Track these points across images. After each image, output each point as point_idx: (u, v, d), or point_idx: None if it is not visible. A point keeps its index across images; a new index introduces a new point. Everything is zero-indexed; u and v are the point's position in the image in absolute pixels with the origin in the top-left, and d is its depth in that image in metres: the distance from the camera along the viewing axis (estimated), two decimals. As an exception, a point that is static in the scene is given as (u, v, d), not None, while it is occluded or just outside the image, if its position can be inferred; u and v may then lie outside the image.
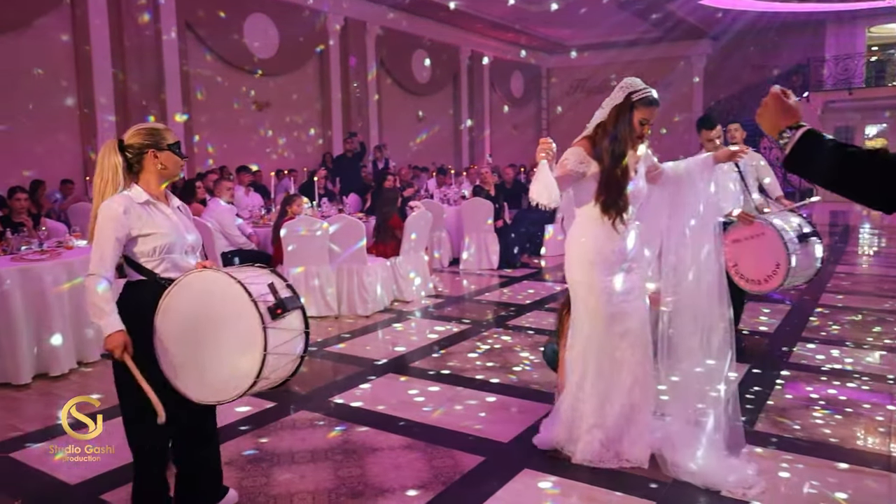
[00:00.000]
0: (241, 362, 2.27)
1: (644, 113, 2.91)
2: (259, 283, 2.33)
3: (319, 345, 5.16)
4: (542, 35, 18.75)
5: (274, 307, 2.28)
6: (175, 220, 2.49)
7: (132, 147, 2.44)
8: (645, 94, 2.91)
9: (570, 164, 2.94)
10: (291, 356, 2.40)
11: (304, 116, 13.51)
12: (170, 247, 2.43)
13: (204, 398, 2.35)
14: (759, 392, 3.96)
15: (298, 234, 5.81)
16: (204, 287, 2.34)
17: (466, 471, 3.05)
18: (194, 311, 2.33)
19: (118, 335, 2.32)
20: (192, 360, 2.33)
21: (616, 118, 2.91)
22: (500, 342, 5.15)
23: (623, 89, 2.93)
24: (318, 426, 3.57)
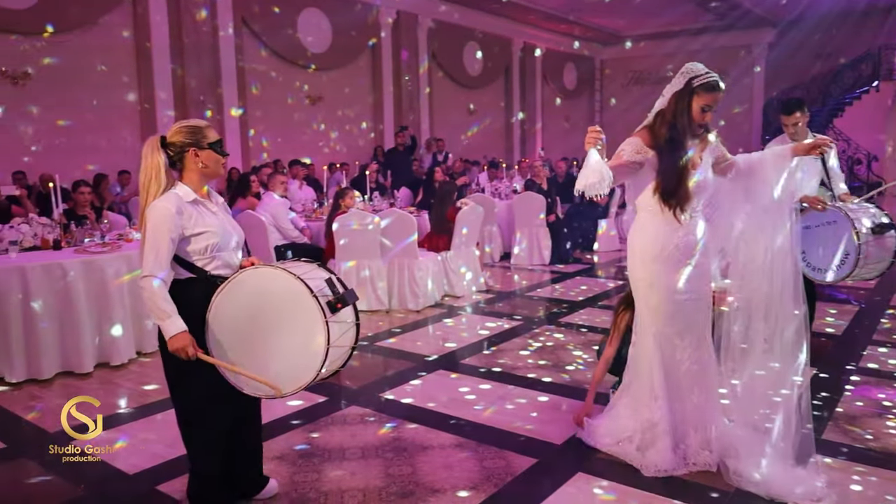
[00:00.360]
0: (302, 356, 2.31)
1: (706, 99, 2.78)
2: (316, 279, 2.37)
3: (370, 339, 5.16)
4: (596, 26, 18.39)
5: (334, 301, 2.33)
6: (221, 217, 2.53)
7: (174, 145, 2.46)
8: (707, 78, 2.78)
9: (626, 154, 2.84)
10: (345, 347, 2.46)
11: (355, 110, 13.60)
12: (220, 245, 2.45)
13: (262, 392, 2.39)
14: (827, 398, 3.77)
15: (350, 228, 5.82)
16: (260, 283, 2.38)
17: (519, 472, 2.98)
18: (251, 307, 2.36)
19: (183, 336, 2.35)
20: (248, 356, 2.37)
21: (676, 105, 2.80)
22: (552, 340, 5.06)
23: (684, 75, 2.81)
24: (369, 422, 3.56)
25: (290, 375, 2.33)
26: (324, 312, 2.27)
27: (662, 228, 2.88)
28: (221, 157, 2.51)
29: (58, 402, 3.94)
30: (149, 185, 2.42)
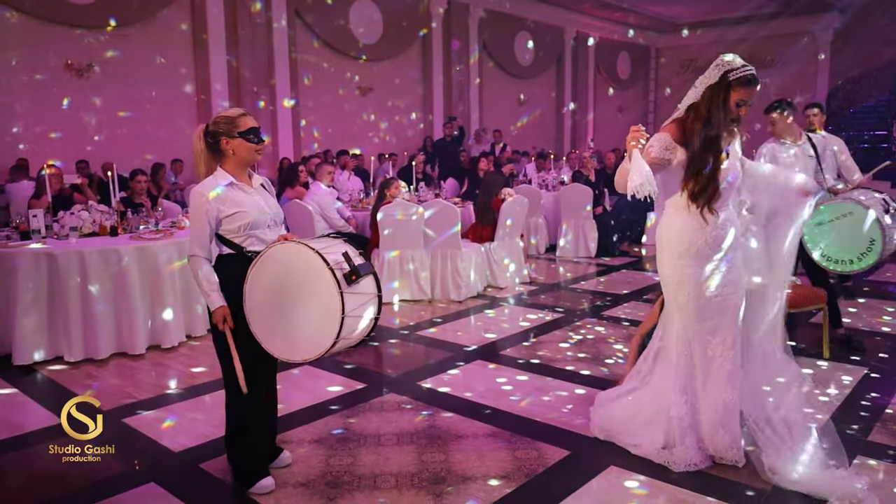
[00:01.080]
0: (323, 324, 2.47)
1: (742, 94, 2.72)
2: (335, 252, 2.53)
3: (411, 328, 5.23)
4: (651, 13, 17.97)
5: (349, 273, 2.48)
6: (257, 198, 2.73)
7: (211, 134, 2.68)
8: (744, 72, 2.71)
9: (654, 151, 2.78)
10: (366, 318, 2.60)
11: (405, 101, 13.68)
12: (253, 223, 2.66)
13: (290, 357, 2.61)
14: (875, 399, 3.64)
15: (394, 218, 5.89)
16: (286, 257, 2.55)
17: (551, 464, 2.99)
18: (279, 280, 2.55)
19: (220, 310, 2.62)
20: (279, 324, 2.55)
21: (710, 99, 2.74)
22: (594, 333, 5.02)
23: (719, 67, 2.74)
24: (406, 409, 3.62)
25: (312, 342, 2.50)
26: (339, 283, 2.43)
27: (690, 224, 2.83)
28: (253, 144, 2.68)
29: (112, 381, 4.14)
30: (198, 170, 2.73)
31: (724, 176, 2.80)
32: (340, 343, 2.51)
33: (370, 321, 2.63)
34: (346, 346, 2.61)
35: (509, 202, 6.45)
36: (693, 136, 2.75)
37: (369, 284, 2.61)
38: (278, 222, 2.80)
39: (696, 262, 2.84)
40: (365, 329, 2.62)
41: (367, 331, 2.64)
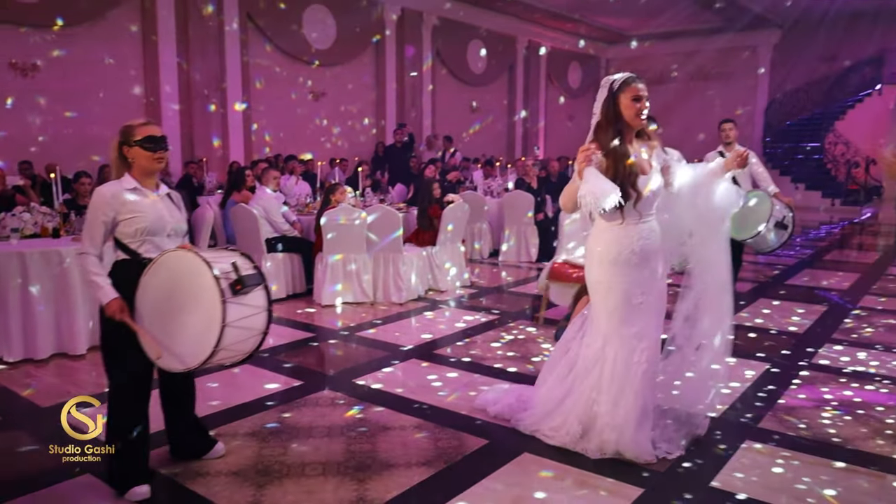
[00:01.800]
0: (204, 333, 2.50)
1: (633, 91, 2.96)
2: (224, 262, 2.60)
3: (352, 329, 5.42)
4: (601, 25, 18.52)
5: (234, 283, 2.53)
6: (159, 206, 2.80)
7: (119, 143, 2.80)
8: (623, 76, 3.00)
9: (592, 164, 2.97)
10: (253, 331, 2.63)
11: (358, 106, 13.85)
12: (150, 229, 2.74)
13: (170, 366, 2.63)
14: (772, 391, 3.99)
15: (337, 222, 6.07)
16: (176, 265, 2.62)
17: (469, 451, 3.23)
18: (167, 287, 2.61)
19: (115, 302, 2.67)
20: (163, 332, 2.61)
21: (609, 110, 3.00)
22: (525, 333, 5.29)
23: (604, 86, 3.03)
24: (339, 405, 3.82)
25: (193, 350, 2.55)
26: (222, 293, 2.48)
27: (619, 233, 3.05)
28: (150, 153, 2.76)
29: (52, 380, 4.23)
30: (112, 176, 2.86)
31: (644, 184, 3.01)
32: (221, 354, 2.54)
33: (258, 334, 2.66)
34: (231, 358, 2.64)
35: (451, 207, 6.70)
36: (608, 146, 2.98)
37: (258, 297, 2.63)
38: (179, 233, 2.86)
39: (625, 269, 3.05)
40: (253, 342, 2.65)
41: (255, 344, 2.67)
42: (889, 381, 4.15)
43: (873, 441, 3.33)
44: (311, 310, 6.05)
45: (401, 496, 2.82)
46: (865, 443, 3.31)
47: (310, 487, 2.88)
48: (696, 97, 19.73)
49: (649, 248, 3.08)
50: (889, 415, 3.64)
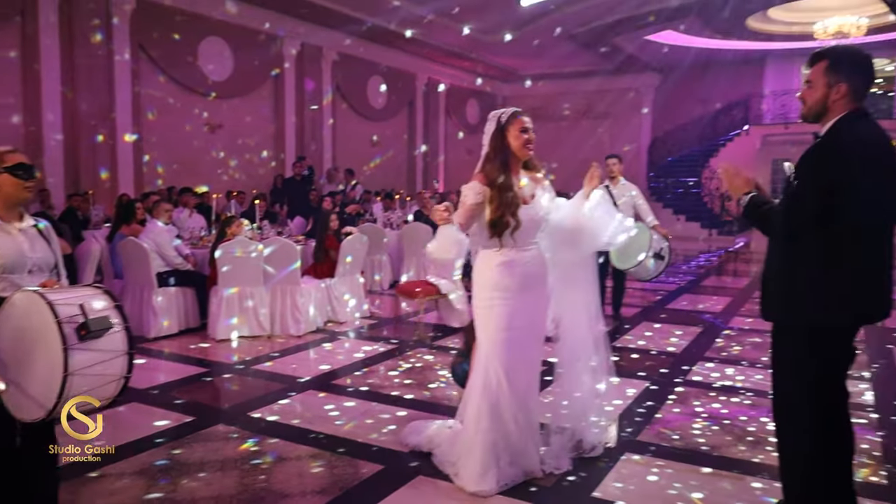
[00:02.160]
0: (49, 382, 2.27)
1: (520, 123, 3.14)
2: (71, 304, 2.34)
3: (247, 363, 5.34)
4: (496, 64, 19.27)
5: (79, 327, 2.29)
6: (20, 240, 2.55)
7: None
8: (510, 110, 3.20)
9: (469, 198, 3.13)
10: (110, 377, 2.38)
11: (256, 139, 13.68)
12: (8, 266, 2.50)
13: (20, 416, 2.36)
14: (650, 406, 4.29)
15: (233, 255, 5.99)
16: (26, 307, 2.36)
17: (365, 477, 3.27)
18: (18, 330, 2.36)
19: None
20: (13, 378, 2.35)
21: (497, 142, 3.16)
22: (423, 361, 5.40)
23: (492, 120, 3.20)
24: (232, 438, 3.76)
25: (38, 401, 2.30)
26: (64, 339, 2.24)
27: (502, 261, 3.17)
28: (22, 181, 2.53)
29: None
30: None
31: (527, 214, 3.15)
32: (68, 404, 2.28)
33: (118, 379, 2.41)
34: (91, 407, 2.37)
35: (349, 239, 6.76)
36: (494, 176, 3.13)
37: (114, 341, 2.39)
38: (45, 268, 2.61)
39: (505, 295, 3.16)
40: (113, 388, 2.41)
41: (116, 389, 2.42)
42: (752, 394, 4.55)
43: (736, 448, 3.65)
44: (206, 345, 5.90)
45: (295, 525, 2.83)
46: (729, 449, 3.62)
47: (200, 522, 2.83)
48: (586, 134, 20.83)
49: (530, 274, 3.21)
50: (751, 423, 3.99)
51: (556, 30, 15.08)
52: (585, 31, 15.61)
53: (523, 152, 3.18)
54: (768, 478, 3.23)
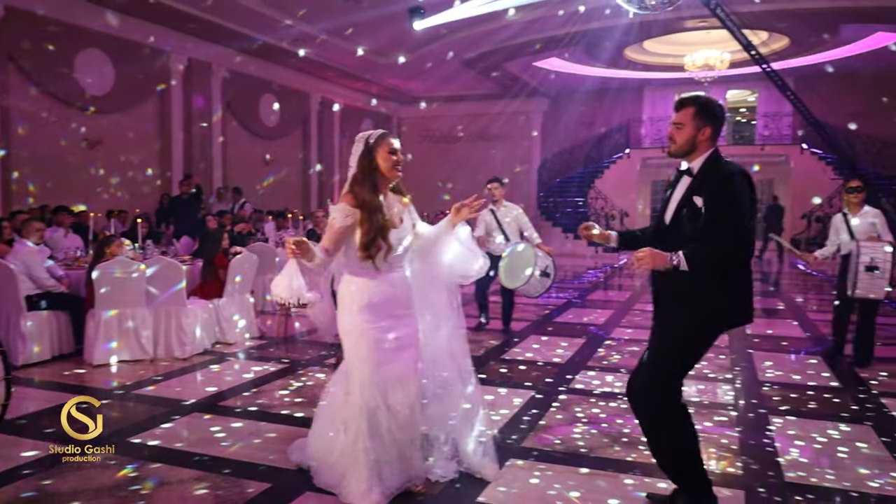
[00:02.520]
0: None
1: (388, 144, 3.17)
2: None
3: (127, 388, 5.11)
4: (391, 86, 19.50)
5: None
6: None
7: None
8: (378, 132, 3.21)
9: (337, 221, 3.11)
10: None
11: (140, 156, 13.12)
12: None
13: None
14: (535, 414, 4.47)
15: (113, 275, 5.73)
16: None
17: (250, 497, 3.22)
18: None
19: None
20: None
21: (366, 164, 3.15)
22: (314, 380, 5.36)
23: (359, 141, 3.21)
24: (109, 465, 3.58)
25: None
26: None
27: (368, 282, 3.15)
28: None
29: None
30: None
31: (396, 237, 3.19)
32: None
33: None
34: None
35: (238, 259, 6.62)
36: (364, 198, 3.15)
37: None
38: None
39: (374, 316, 3.14)
40: None
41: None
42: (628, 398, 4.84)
43: (612, 448, 3.88)
44: (81, 370, 5.58)
45: (175, 549, 2.74)
46: (605, 450, 3.84)
47: (71, 554, 2.69)
48: (480, 156, 21.43)
49: (397, 295, 3.22)
50: (626, 426, 4.25)
51: (449, 54, 15.49)
52: (476, 56, 16.11)
53: (392, 174, 3.19)
54: (640, 474, 3.47)
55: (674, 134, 2.91)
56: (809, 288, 12.49)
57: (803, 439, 4.04)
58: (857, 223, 5.79)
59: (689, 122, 2.87)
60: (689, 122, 2.87)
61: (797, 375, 5.56)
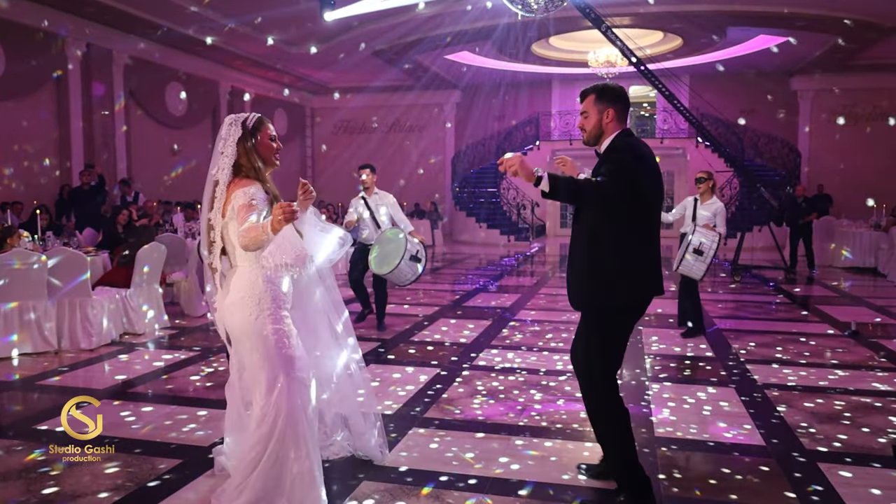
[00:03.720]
0: None
1: (268, 129, 2.99)
2: None
3: (31, 379, 5.05)
4: (304, 76, 19.34)
5: None
6: None
7: None
8: (254, 116, 2.99)
9: (259, 202, 2.84)
10: None
11: (36, 146, 12.55)
12: None
13: None
14: (439, 388, 4.78)
15: (11, 267, 5.60)
16: None
17: (162, 472, 3.35)
18: None
19: None
20: None
21: (248, 149, 2.91)
22: (224, 364, 5.46)
23: (233, 125, 2.94)
24: (16, 451, 3.62)
25: None
26: None
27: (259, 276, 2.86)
28: None
29: None
30: None
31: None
32: None
33: None
34: None
35: (146, 249, 6.58)
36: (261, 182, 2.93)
37: None
38: None
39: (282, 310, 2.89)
40: None
41: None
42: (525, 372, 5.23)
43: (507, 416, 4.23)
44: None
45: (88, 521, 2.86)
46: (501, 418, 4.19)
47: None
48: (395, 146, 21.63)
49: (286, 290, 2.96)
50: (521, 395, 4.62)
51: (361, 45, 15.56)
52: (388, 48, 16.26)
53: (272, 161, 3.01)
54: (529, 436, 3.83)
55: (583, 123, 3.14)
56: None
57: (675, 401, 4.53)
58: (702, 212, 6.49)
59: (592, 108, 3.09)
60: (591, 108, 3.10)
61: (678, 348, 6.13)
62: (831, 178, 17.58)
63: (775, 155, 19.51)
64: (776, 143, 19.47)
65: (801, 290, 10.33)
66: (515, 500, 3.06)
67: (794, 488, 3.20)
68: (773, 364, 5.51)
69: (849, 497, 3.10)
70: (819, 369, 5.36)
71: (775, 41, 16.04)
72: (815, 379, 5.09)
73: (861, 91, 18.46)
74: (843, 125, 18.74)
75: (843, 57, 16.63)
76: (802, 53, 16.69)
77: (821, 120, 19.17)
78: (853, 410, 4.34)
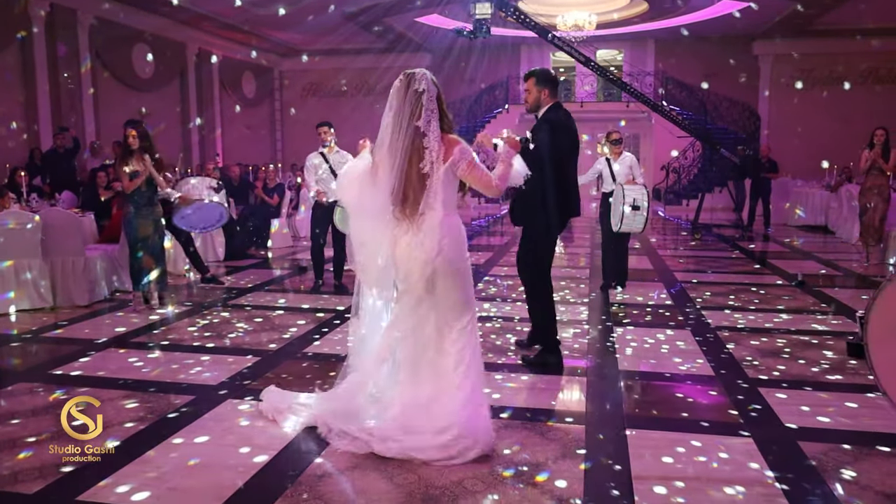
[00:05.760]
0: None
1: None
2: None
3: (34, 332, 5.32)
4: (272, 38, 19.20)
5: None
6: None
7: None
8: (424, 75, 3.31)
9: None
10: None
11: (2, 109, 12.42)
12: None
13: None
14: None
15: (6, 227, 5.80)
16: None
17: (179, 406, 3.70)
18: None
19: None
20: None
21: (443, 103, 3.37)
22: (219, 318, 5.79)
23: (427, 79, 3.30)
24: (38, 392, 3.92)
25: None
26: None
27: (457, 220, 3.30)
28: None
29: None
30: None
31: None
32: None
33: None
34: None
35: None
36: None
37: None
38: None
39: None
40: None
41: None
42: (501, 319, 5.67)
43: (486, 356, 4.63)
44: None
45: (123, 444, 3.20)
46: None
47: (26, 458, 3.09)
48: (365, 110, 21.66)
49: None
50: (498, 339, 5.05)
51: (330, 7, 15.54)
52: (357, 11, 16.27)
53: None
54: (507, 372, 4.26)
55: (526, 97, 4.39)
56: (667, 231, 14.03)
57: (637, 342, 5.01)
58: (618, 168, 6.79)
59: (533, 88, 4.30)
60: (532, 88, 4.30)
61: (640, 297, 6.62)
62: (789, 141, 18.26)
63: (736, 118, 20.11)
64: (737, 106, 20.05)
65: (756, 246, 10.96)
66: (498, 421, 3.49)
67: (736, 407, 3.70)
68: (725, 310, 6.04)
69: (782, 413, 3.60)
70: (766, 314, 5.91)
71: (738, 6, 16.47)
72: (762, 322, 5.63)
73: (818, 56, 19.06)
74: (801, 89, 19.38)
75: (801, 22, 17.16)
76: (763, 18, 17.16)
77: (780, 84, 19.78)
78: (793, 347, 4.88)
